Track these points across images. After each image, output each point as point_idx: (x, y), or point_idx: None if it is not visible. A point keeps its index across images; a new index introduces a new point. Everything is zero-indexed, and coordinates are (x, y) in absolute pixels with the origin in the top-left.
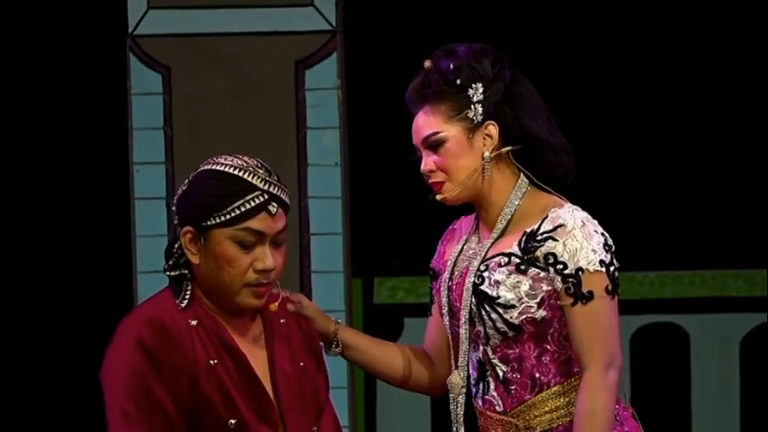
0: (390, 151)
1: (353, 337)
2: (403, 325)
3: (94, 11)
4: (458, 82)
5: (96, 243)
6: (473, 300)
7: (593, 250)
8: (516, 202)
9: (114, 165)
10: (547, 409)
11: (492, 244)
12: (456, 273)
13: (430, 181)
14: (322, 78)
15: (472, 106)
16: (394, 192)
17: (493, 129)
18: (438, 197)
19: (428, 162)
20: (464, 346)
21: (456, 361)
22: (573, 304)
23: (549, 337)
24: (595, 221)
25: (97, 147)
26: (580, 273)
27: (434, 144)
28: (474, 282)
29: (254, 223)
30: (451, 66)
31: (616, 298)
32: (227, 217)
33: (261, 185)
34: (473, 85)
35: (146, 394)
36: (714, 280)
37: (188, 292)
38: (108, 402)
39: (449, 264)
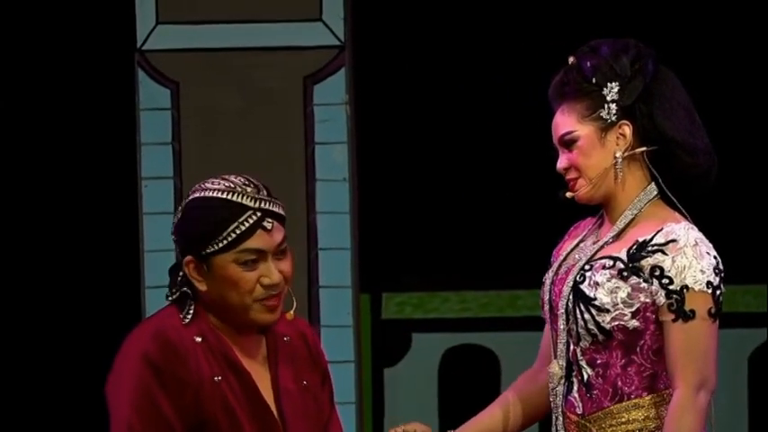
0: (399, 166)
1: None
2: (411, 340)
3: (103, 25)
4: (594, 80)
5: (104, 258)
6: (570, 296)
7: (701, 270)
8: (640, 207)
9: (122, 180)
10: (624, 420)
11: (604, 244)
12: (562, 269)
13: (566, 178)
14: (330, 93)
15: (606, 105)
16: (402, 207)
17: (627, 128)
18: (568, 194)
19: (562, 160)
20: (562, 336)
21: (555, 351)
22: (673, 321)
23: (638, 349)
24: (710, 244)
25: (105, 162)
26: (685, 290)
27: (568, 142)
28: (575, 279)
29: (253, 242)
30: (589, 64)
31: (717, 322)
32: (225, 242)
33: (251, 204)
34: (608, 84)
35: (151, 408)
36: None
37: (191, 309)
38: (113, 416)
39: (559, 260)
